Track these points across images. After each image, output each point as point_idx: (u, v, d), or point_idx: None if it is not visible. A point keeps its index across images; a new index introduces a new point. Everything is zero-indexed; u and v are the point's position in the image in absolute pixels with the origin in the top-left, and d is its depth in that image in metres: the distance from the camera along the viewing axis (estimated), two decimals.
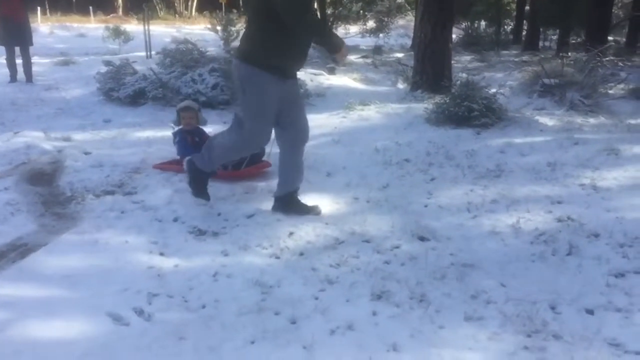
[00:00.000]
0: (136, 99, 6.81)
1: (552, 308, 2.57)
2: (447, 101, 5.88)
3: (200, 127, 4.73)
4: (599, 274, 2.87)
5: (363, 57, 12.90)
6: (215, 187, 4.08)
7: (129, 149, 5.13)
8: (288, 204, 3.67)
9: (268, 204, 3.76)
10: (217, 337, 2.31)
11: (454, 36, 16.65)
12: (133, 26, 19.02)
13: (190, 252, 3.11)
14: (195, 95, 6.71)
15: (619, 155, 4.70)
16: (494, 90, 6.28)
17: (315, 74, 8.46)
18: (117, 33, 14.17)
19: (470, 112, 5.60)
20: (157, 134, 5.61)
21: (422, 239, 3.30)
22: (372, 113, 6.49)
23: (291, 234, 3.34)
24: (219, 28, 7.71)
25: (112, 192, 4.02)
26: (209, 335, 2.32)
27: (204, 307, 2.54)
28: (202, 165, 3.60)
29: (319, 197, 3.91)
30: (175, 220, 3.58)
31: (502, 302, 2.61)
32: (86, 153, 5.01)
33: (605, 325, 2.42)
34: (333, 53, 3.42)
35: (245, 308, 2.51)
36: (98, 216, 3.59)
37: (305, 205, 3.70)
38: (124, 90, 6.82)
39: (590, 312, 2.55)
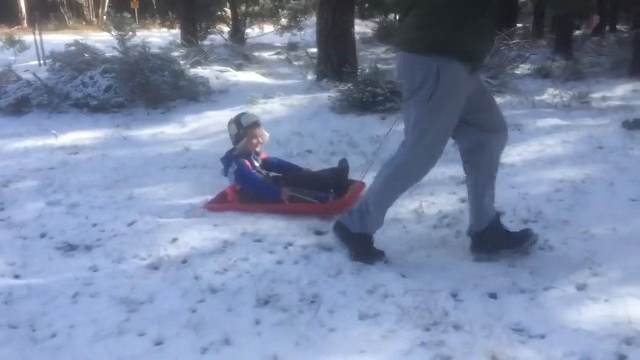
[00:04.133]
0: (20, 107, 6.21)
1: (454, 296, 2.37)
2: (352, 88, 5.69)
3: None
4: (503, 255, 2.70)
5: (277, 53, 12.60)
6: (92, 197, 3.67)
7: (1, 162, 4.58)
8: (496, 237, 2.72)
9: (154, 208, 3.39)
10: None
11: (369, 30, 16.81)
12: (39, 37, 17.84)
13: (52, 272, 2.70)
14: (86, 99, 6.20)
15: (522, 131, 4.64)
16: (395, 74, 6.12)
17: (222, 71, 8.07)
18: (11, 43, 13.19)
19: (375, 97, 5.44)
20: (37, 144, 5.08)
21: (319, 233, 3.03)
22: (276, 106, 6.21)
23: (174, 240, 2.97)
24: (112, 28, 7.19)
25: None
26: None
27: (54, 336, 2.15)
28: (362, 228, 2.69)
29: (211, 197, 3.56)
30: (43, 236, 3.15)
31: (401, 295, 2.37)
32: None
33: (509, 310, 2.24)
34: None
35: (103, 332, 2.14)
36: None
37: (515, 234, 2.75)
38: (5, 99, 6.20)
39: (493, 296, 2.37)
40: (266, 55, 12.15)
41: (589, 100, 5.94)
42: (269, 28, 17.20)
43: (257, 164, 3.53)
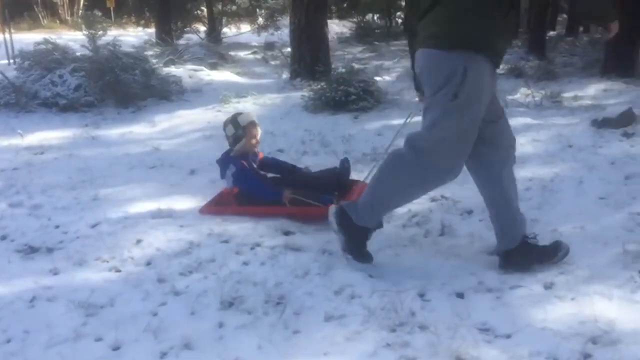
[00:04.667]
0: None
1: (421, 295, 2.34)
2: (324, 87, 5.67)
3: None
4: (471, 253, 2.69)
5: (253, 53, 12.52)
6: (55, 197, 3.58)
7: None
8: (526, 252, 2.55)
9: (117, 210, 3.31)
10: None
11: (346, 30, 16.78)
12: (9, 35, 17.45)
13: (10, 276, 2.60)
14: (54, 98, 6.07)
15: None
16: (368, 73, 6.14)
17: (195, 70, 7.98)
18: None
19: (348, 96, 5.44)
20: (2, 143, 4.96)
21: (286, 233, 2.98)
22: (248, 105, 6.15)
23: (139, 241, 2.90)
24: (83, 27, 7.06)
25: None
26: None
27: (8, 341, 2.08)
28: (362, 220, 2.56)
29: (179, 198, 3.50)
30: (3, 238, 3.06)
31: (368, 295, 2.33)
32: None
33: (476, 309, 2.22)
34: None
35: (59, 337, 2.07)
36: None
37: (546, 246, 2.59)
38: None
39: (460, 295, 2.35)
40: (242, 54, 12.06)
41: (561, 99, 5.98)
42: (245, 27, 17.09)
43: (254, 165, 3.39)
